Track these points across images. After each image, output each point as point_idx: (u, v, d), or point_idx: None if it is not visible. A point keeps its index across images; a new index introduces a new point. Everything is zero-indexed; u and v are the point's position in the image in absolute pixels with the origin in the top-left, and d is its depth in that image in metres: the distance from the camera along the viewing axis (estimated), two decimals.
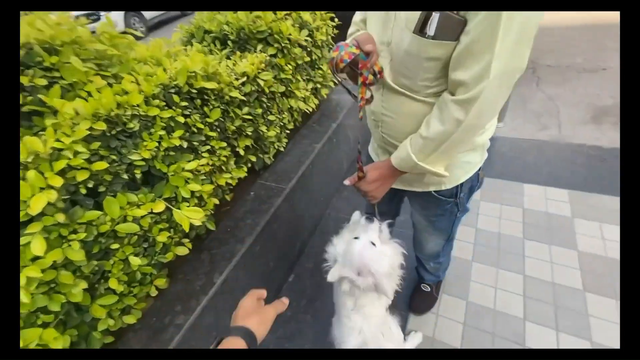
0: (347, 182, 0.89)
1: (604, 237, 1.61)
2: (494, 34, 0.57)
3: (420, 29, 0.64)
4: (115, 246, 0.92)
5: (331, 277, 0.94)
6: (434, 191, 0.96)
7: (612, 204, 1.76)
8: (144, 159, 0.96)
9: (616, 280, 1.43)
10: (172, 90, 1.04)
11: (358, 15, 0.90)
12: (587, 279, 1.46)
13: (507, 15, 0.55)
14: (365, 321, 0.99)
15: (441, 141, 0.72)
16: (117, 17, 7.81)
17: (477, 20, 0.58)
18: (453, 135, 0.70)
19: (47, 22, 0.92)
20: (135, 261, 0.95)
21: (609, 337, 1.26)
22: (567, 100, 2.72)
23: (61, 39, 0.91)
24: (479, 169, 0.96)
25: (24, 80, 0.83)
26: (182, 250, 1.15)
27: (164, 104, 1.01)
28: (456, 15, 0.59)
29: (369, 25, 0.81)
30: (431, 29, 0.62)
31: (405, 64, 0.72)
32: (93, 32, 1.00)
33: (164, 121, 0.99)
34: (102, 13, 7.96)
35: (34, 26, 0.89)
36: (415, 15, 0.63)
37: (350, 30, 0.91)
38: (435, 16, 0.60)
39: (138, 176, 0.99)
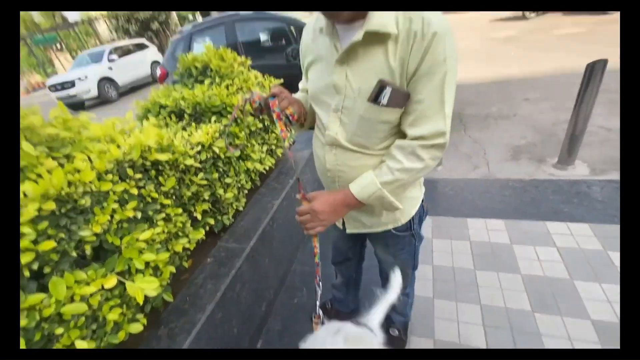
0: (299, 195, 0.92)
1: (540, 259, 1.80)
2: (441, 101, 0.75)
3: (375, 99, 0.79)
4: (59, 331, 0.86)
5: None
6: (392, 229, 1.07)
7: (539, 227, 2.01)
8: (95, 234, 0.96)
9: (556, 296, 1.58)
10: (126, 165, 1.09)
11: (303, 84, 1.08)
12: (532, 299, 1.59)
13: (447, 84, 0.74)
14: None
15: (407, 173, 0.83)
16: (91, 84, 8.84)
17: (426, 91, 0.74)
18: (414, 172, 0.83)
19: None
20: (81, 346, 0.88)
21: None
22: (490, 142, 3.19)
23: None
24: (422, 201, 1.10)
25: None
26: (136, 328, 1.08)
27: (118, 178, 1.05)
28: (403, 90, 0.77)
29: (313, 93, 0.95)
30: (384, 99, 0.77)
31: (360, 127, 0.86)
32: (72, 97, 1.01)
33: (118, 194, 1.02)
34: (75, 77, 8.70)
35: None
36: (368, 88, 0.79)
37: (296, 96, 1.07)
38: (388, 89, 0.77)
39: (88, 252, 0.98)
